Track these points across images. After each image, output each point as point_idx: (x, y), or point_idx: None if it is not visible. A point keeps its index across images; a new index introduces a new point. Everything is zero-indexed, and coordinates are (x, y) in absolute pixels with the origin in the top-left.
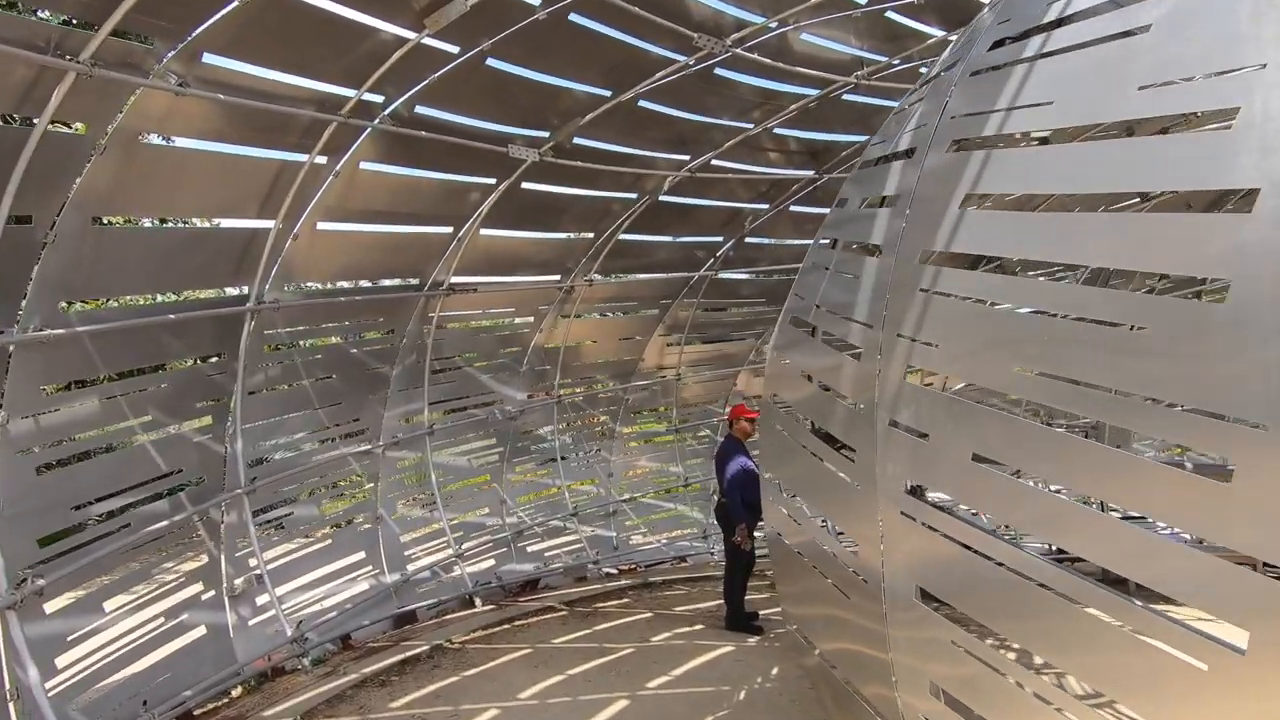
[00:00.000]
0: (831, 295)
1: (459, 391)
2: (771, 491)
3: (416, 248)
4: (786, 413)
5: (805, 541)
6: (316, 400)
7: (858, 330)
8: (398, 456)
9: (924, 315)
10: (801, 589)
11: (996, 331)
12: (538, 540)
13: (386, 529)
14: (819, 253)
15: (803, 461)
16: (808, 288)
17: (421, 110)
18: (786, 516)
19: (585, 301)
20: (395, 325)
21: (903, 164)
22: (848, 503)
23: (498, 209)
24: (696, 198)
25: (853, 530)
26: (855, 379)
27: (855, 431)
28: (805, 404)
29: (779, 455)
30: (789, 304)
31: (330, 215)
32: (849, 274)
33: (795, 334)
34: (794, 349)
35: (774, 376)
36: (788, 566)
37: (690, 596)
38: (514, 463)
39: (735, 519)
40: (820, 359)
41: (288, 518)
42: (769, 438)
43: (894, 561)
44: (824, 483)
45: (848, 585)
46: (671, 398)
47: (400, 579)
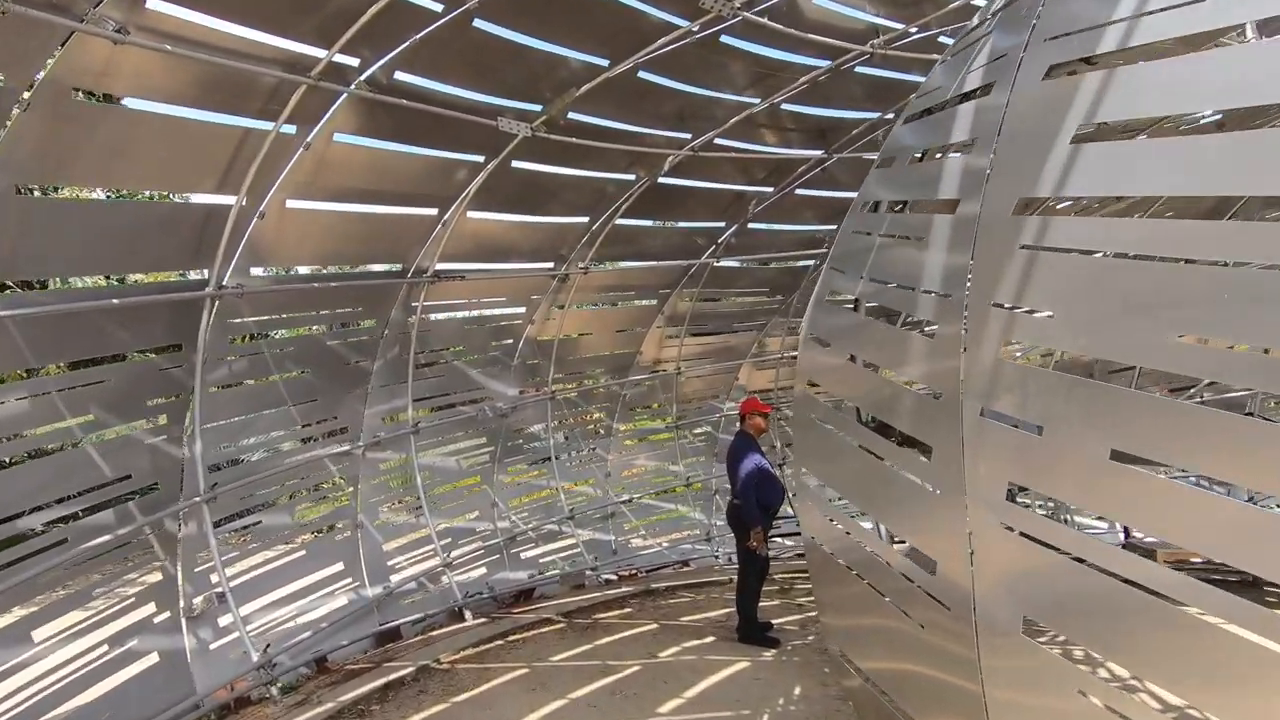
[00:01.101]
0: (886, 264)
1: (446, 387)
2: (807, 493)
3: (398, 231)
4: (828, 404)
5: (853, 551)
6: (288, 397)
7: (929, 302)
8: (379, 458)
9: (1028, 277)
10: (844, 599)
11: (1145, 291)
12: (532, 546)
13: (367, 537)
14: (862, 218)
15: (853, 461)
16: (850, 259)
17: (402, 77)
18: (828, 522)
19: (580, 291)
20: (376, 315)
21: (975, 104)
22: (919, 510)
23: (486, 189)
24: (698, 179)
25: (928, 542)
26: (928, 360)
27: (930, 424)
28: (856, 393)
29: (820, 453)
30: (825, 280)
31: (301, 192)
32: (909, 238)
33: (836, 312)
34: (836, 329)
35: (811, 362)
36: (827, 572)
37: (697, 604)
38: (506, 463)
39: (750, 522)
40: (876, 339)
41: (255, 527)
42: (806, 433)
43: (989, 580)
44: (884, 486)
45: (914, 602)
46: (671, 393)
47: (383, 592)
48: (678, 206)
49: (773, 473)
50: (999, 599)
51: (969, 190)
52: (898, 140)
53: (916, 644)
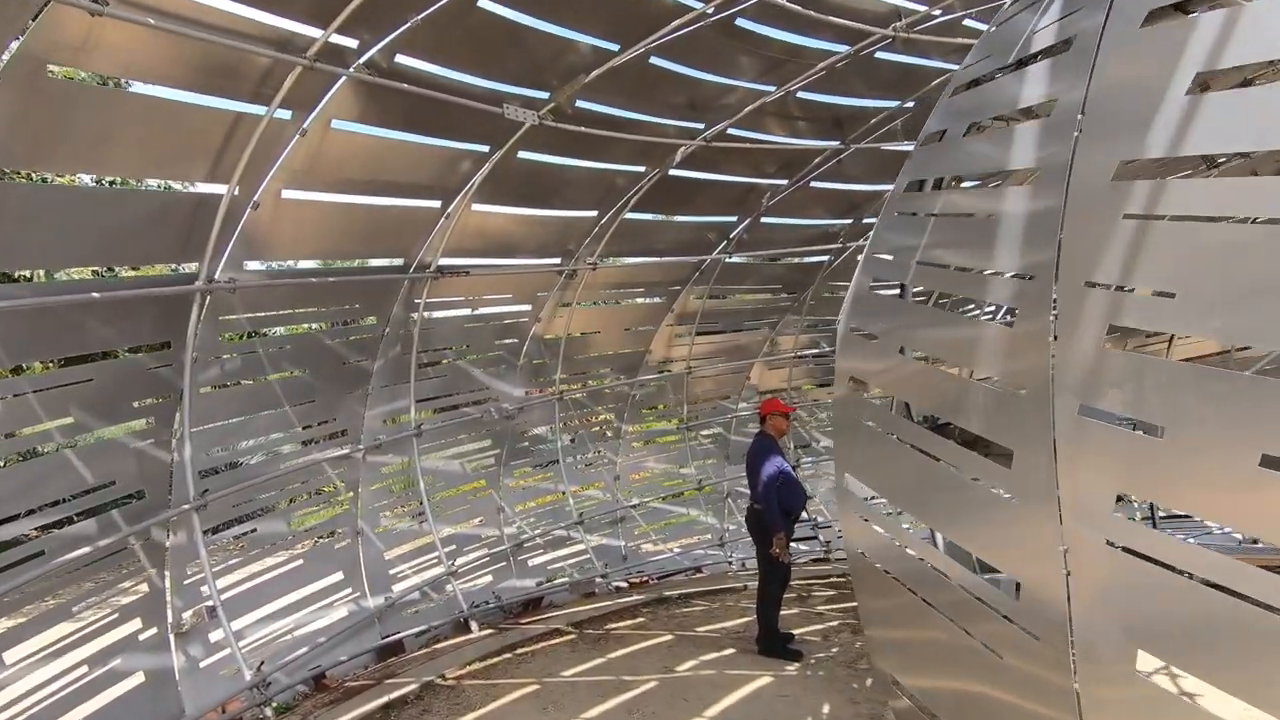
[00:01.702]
0: (943, 247)
1: (449, 387)
2: (851, 502)
3: (399, 224)
4: (877, 404)
5: (907, 564)
6: (285, 398)
7: (1005, 286)
8: (381, 461)
9: (1137, 251)
10: (895, 615)
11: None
12: (540, 552)
13: (368, 545)
14: (908, 200)
15: (910, 467)
16: (896, 244)
17: (403, 60)
18: (878, 532)
19: (588, 288)
20: (376, 312)
21: (1050, 64)
22: (996, 522)
23: (491, 181)
24: (709, 172)
25: (1007, 558)
26: (1007, 351)
27: (1011, 424)
28: (911, 390)
29: (869, 459)
30: (867, 268)
31: (297, 182)
32: (972, 215)
33: (882, 303)
34: (883, 321)
35: (853, 358)
36: (875, 587)
37: (712, 613)
38: (512, 466)
39: (772, 527)
40: (935, 330)
41: (249, 536)
42: (849, 437)
43: (1089, 603)
44: (950, 495)
45: (983, 622)
46: (681, 393)
47: (384, 603)
48: (688, 200)
49: (794, 476)
50: (1102, 625)
51: (1052, 156)
52: (953, 109)
53: (986, 667)
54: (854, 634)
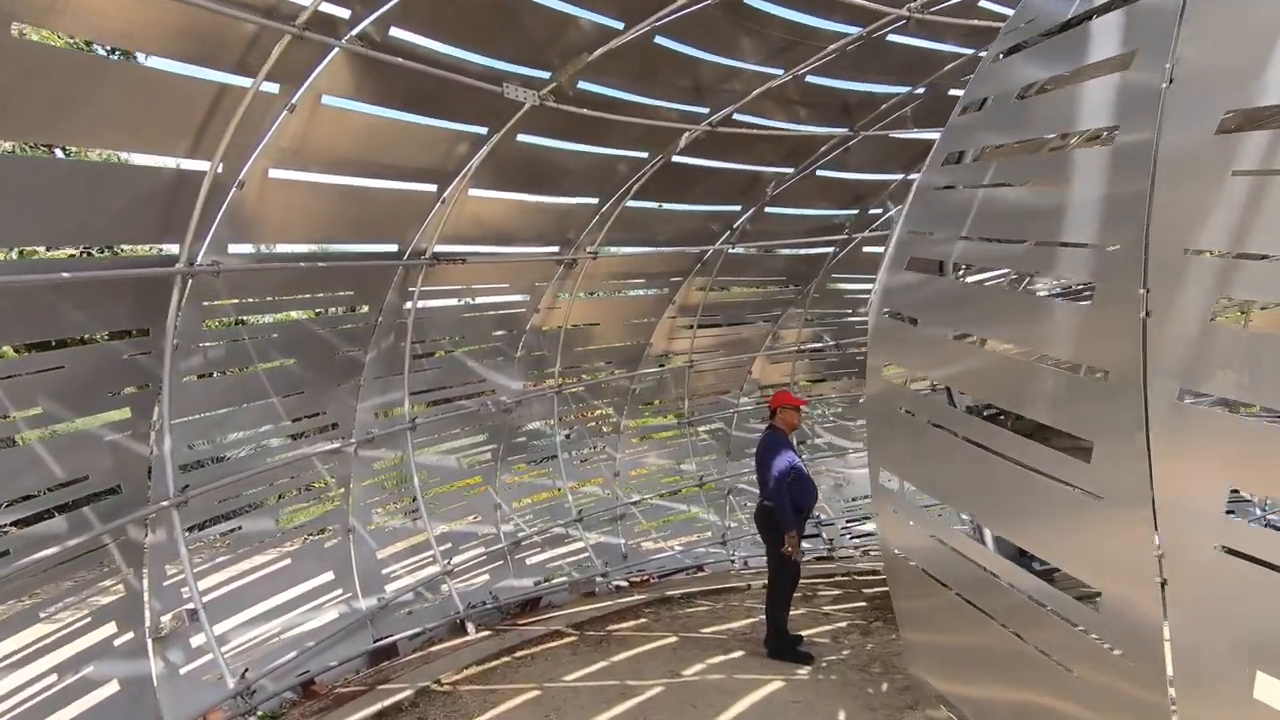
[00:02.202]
0: (998, 218)
1: (445, 380)
2: (888, 498)
3: (394, 208)
4: (921, 393)
5: (956, 568)
6: (272, 389)
7: (1081, 257)
8: (373, 456)
9: (1253, 213)
10: (938, 615)
11: None
12: (538, 551)
13: (360, 543)
14: (948, 172)
15: (963, 462)
16: (936, 219)
17: (398, 34)
18: (917, 530)
19: (588, 278)
20: (369, 301)
21: (1123, 12)
22: (1073, 524)
23: (490, 165)
24: (714, 159)
25: (1085, 564)
26: (1087, 330)
27: (1092, 414)
28: (964, 378)
29: (912, 453)
30: (902, 246)
31: (285, 161)
32: (1034, 182)
33: (925, 282)
34: (926, 302)
35: (890, 344)
36: (916, 590)
37: (717, 614)
38: (509, 462)
39: (784, 525)
40: (994, 309)
41: (234, 534)
42: (888, 429)
43: (1190, 614)
44: (1015, 493)
45: (1048, 630)
46: (682, 387)
47: (377, 604)
48: (692, 188)
49: (806, 472)
50: (1209, 640)
51: (1136, 111)
52: (1003, 73)
53: (1051, 679)
54: (863, 635)
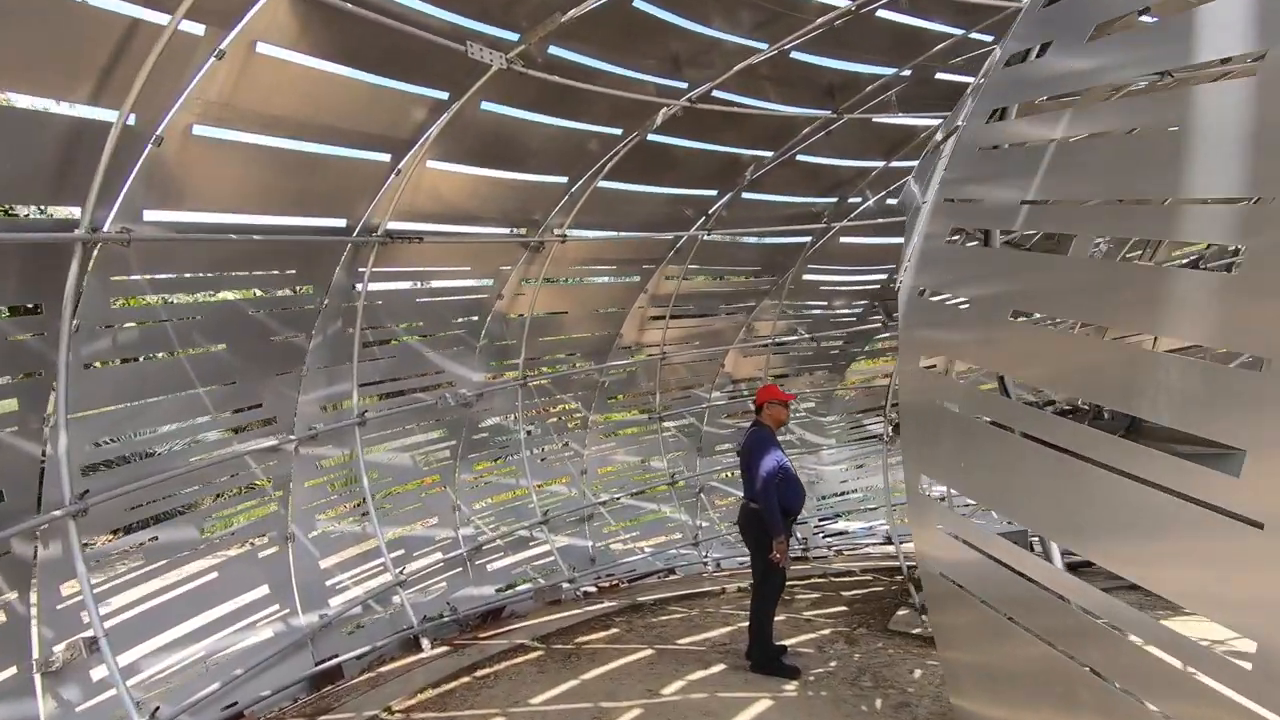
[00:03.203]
0: (1082, 174)
1: (399, 370)
2: (928, 509)
3: (342, 177)
4: (977, 387)
5: (1015, 591)
6: (197, 379)
7: (1220, 217)
8: (317, 454)
9: None
10: (998, 653)
11: None
12: (500, 556)
13: (301, 552)
14: (990, 130)
15: (1038, 471)
16: (982, 183)
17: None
18: (969, 548)
19: (556, 262)
20: (313, 280)
21: None
22: (1210, 551)
23: (450, 135)
24: (691, 139)
25: (1227, 604)
26: (1225, 309)
27: (1237, 412)
28: (1039, 366)
29: (959, 456)
30: (937, 216)
31: (213, 116)
32: (1121, 130)
33: (976, 256)
34: (980, 277)
35: (931, 327)
36: (967, 616)
37: (692, 622)
38: (469, 460)
39: (771, 529)
40: (1077, 283)
41: (148, 546)
42: (925, 428)
43: None
44: (1120, 512)
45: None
46: (653, 381)
47: (319, 621)
48: (667, 169)
49: (794, 472)
50: None
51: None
52: (1033, 27)
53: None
54: (849, 644)
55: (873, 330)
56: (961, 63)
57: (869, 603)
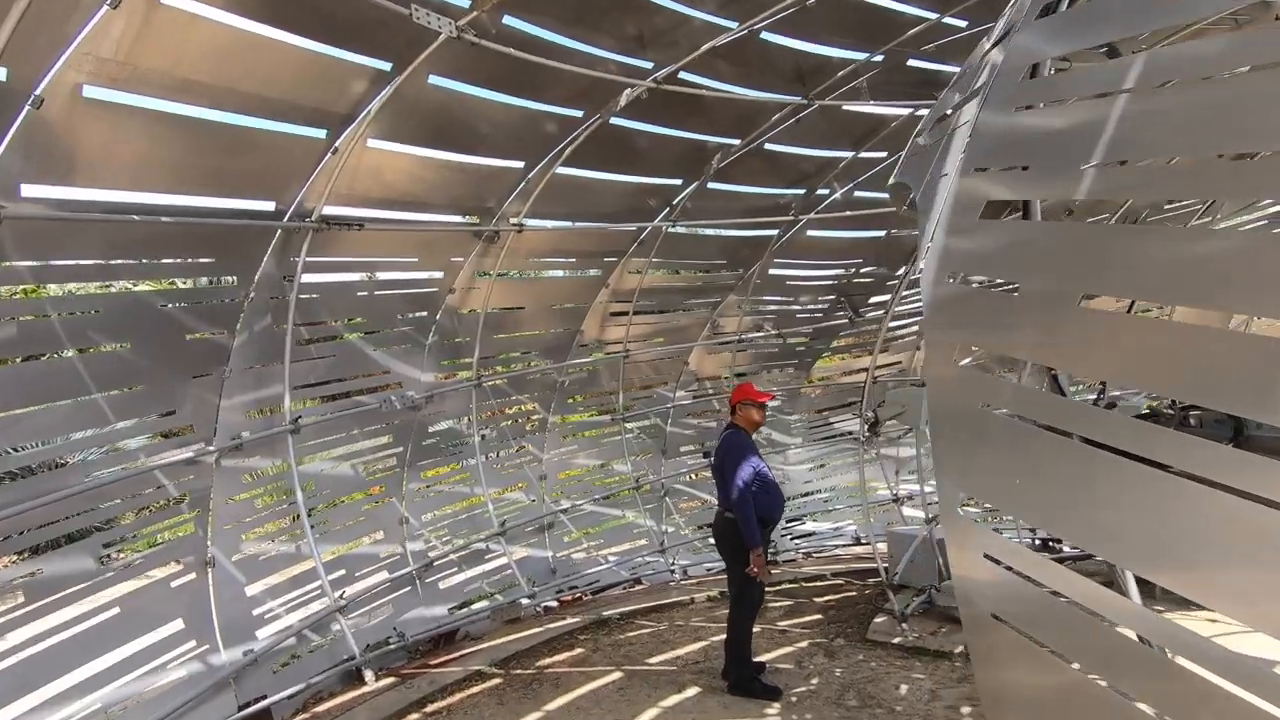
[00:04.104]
0: (1172, 130)
1: (339, 370)
2: (969, 534)
3: (270, 155)
4: (1022, 386)
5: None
6: (92, 382)
7: None
8: (242, 466)
9: None
10: (1027, 665)
11: None
12: (453, 571)
13: (222, 579)
14: (1027, 89)
15: (1122, 486)
16: (1019, 150)
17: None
18: (1022, 580)
19: (512, 254)
20: (236, 270)
21: None
22: None
23: (394, 111)
24: (655, 123)
25: None
26: None
27: None
28: (1116, 361)
29: (1012, 468)
30: (968, 191)
31: (108, 76)
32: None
33: (1018, 233)
34: (1026, 258)
35: (965, 317)
36: (1020, 658)
37: (662, 637)
38: (419, 467)
39: (747, 541)
40: (1166, 258)
41: (30, 581)
42: (964, 433)
43: None
44: (1220, 532)
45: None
46: (617, 380)
47: (245, 658)
48: (630, 156)
49: (772, 477)
50: None
51: None
52: None
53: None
54: (829, 658)
55: (839, 326)
56: (934, 49)
57: (844, 609)
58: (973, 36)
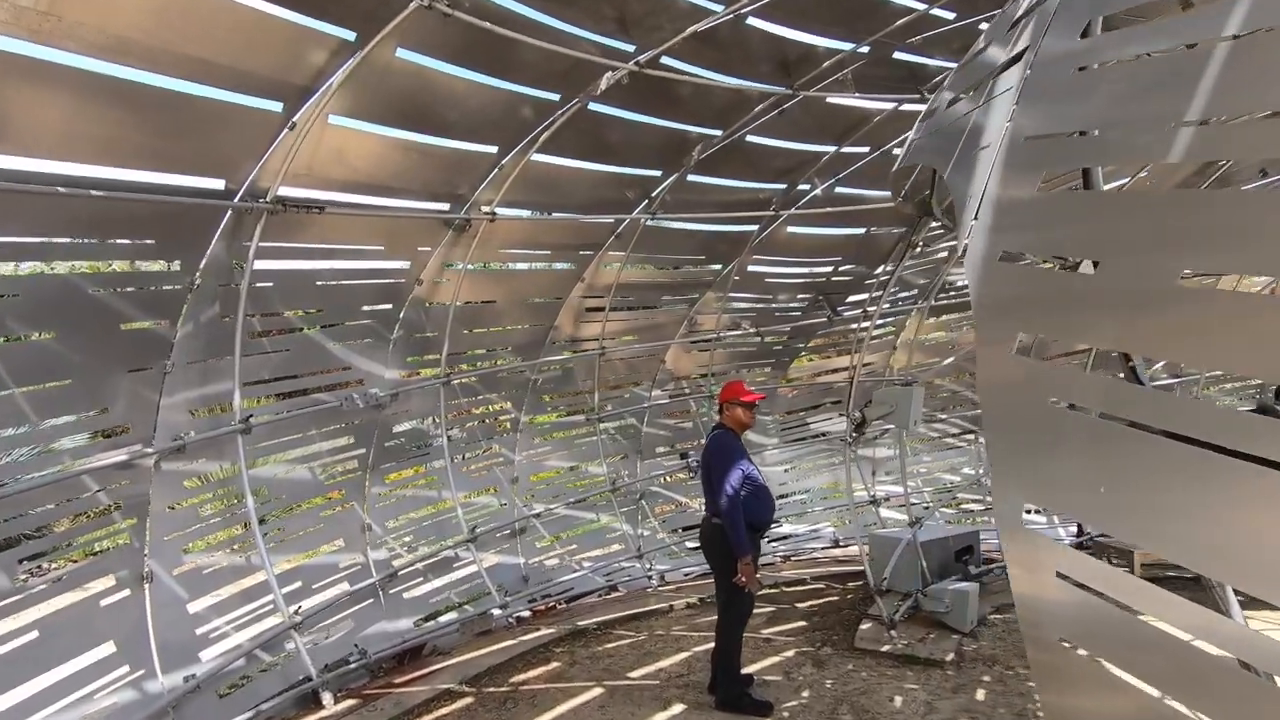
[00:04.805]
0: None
1: (296, 366)
2: (1042, 550)
3: (216, 126)
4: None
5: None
6: (8, 375)
7: None
8: (186, 470)
9: None
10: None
11: None
12: (420, 581)
13: (161, 596)
14: (1076, 51)
15: (1253, 496)
16: (1075, 115)
17: None
18: (1103, 603)
19: (483, 244)
20: (182, 254)
21: None
22: None
23: (359, 86)
24: (636, 110)
25: None
26: None
27: None
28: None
29: (1092, 474)
30: (1019, 154)
31: (26, 27)
32: None
33: (1092, 201)
34: (1115, 226)
35: (1026, 301)
36: (1097, 690)
37: (642, 649)
38: (382, 470)
39: (736, 549)
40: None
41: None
42: (1029, 434)
43: None
44: None
45: None
46: (592, 378)
47: (186, 684)
48: (609, 144)
49: (763, 481)
50: None
51: None
52: None
53: None
54: (817, 668)
55: (817, 325)
56: (919, 41)
57: (828, 615)
58: (960, 30)
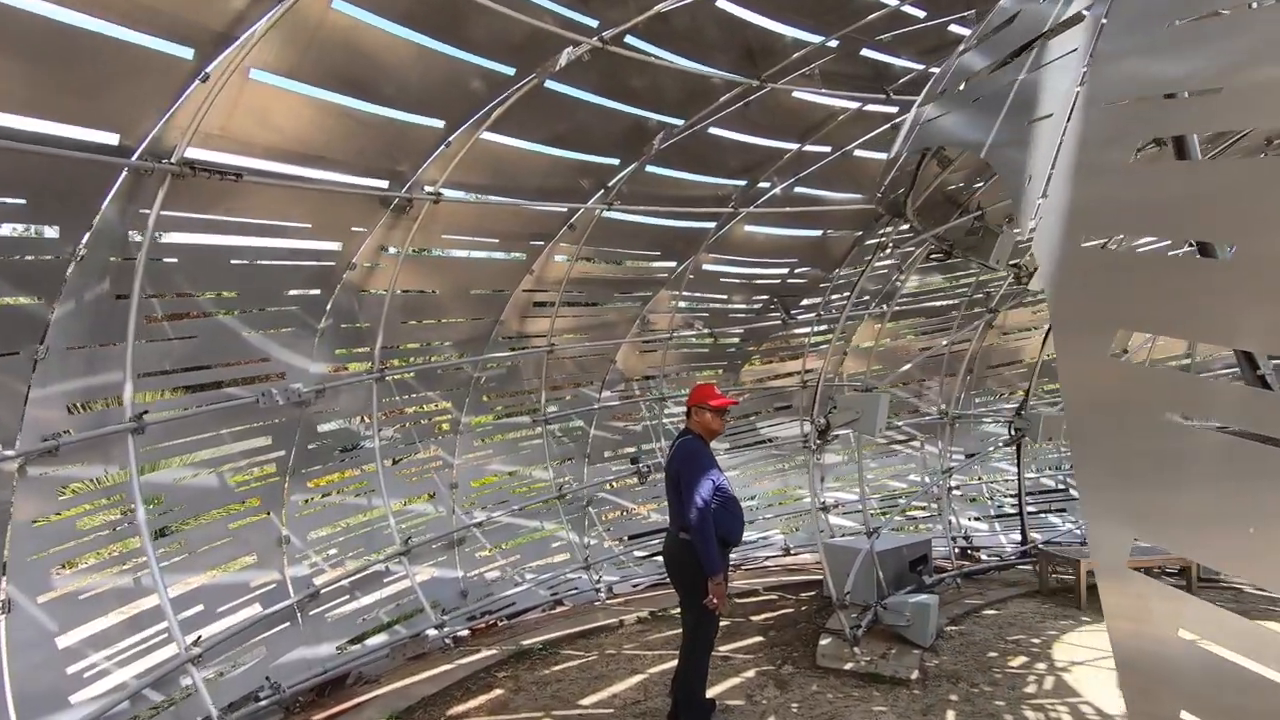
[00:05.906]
0: None
1: (203, 355)
2: (1147, 595)
3: (112, 72)
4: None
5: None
6: None
7: None
8: (60, 477)
9: None
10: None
11: None
12: (345, 600)
13: (22, 626)
14: None
15: None
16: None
17: None
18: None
19: (426, 228)
20: (59, 218)
21: None
22: None
23: (285, 37)
24: (596, 92)
25: None
26: None
27: None
28: None
29: (1218, 501)
30: (1094, 122)
31: None
32: None
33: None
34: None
35: (1131, 290)
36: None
37: (593, 671)
38: (305, 475)
39: (706, 565)
40: None
41: None
42: (1141, 462)
43: None
44: None
45: None
46: (540, 377)
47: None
48: (565, 127)
49: (733, 492)
50: None
51: None
52: None
53: None
54: (780, 689)
55: (771, 328)
56: (890, 40)
57: (784, 630)
58: (931, 30)
